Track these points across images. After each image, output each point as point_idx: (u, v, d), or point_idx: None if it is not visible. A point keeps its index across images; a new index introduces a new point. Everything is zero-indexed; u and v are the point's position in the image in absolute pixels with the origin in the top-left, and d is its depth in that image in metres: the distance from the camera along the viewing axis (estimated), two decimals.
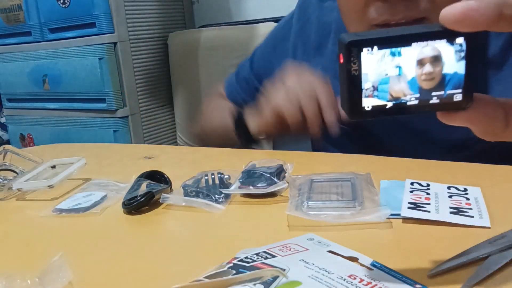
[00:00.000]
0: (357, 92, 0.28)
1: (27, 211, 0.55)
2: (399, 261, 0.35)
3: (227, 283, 0.31)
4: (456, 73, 0.28)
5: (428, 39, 0.27)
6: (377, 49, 0.27)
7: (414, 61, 0.27)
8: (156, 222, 0.49)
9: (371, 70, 0.28)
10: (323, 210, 0.43)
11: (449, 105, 0.28)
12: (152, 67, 2.01)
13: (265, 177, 0.51)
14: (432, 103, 0.28)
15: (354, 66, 0.28)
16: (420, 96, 0.28)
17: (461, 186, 0.47)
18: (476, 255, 0.34)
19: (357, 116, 0.29)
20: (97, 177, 0.62)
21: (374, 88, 0.28)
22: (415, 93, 0.28)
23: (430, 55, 0.27)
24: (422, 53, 0.27)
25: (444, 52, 0.27)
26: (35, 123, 2.19)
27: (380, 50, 0.27)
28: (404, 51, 0.27)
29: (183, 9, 2.14)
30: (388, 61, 0.27)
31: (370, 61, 0.28)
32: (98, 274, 0.39)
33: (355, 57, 0.27)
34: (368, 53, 0.27)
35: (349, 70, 0.28)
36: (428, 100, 0.28)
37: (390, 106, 0.28)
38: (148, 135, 2.03)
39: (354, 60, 0.28)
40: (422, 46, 0.27)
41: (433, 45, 0.27)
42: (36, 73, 2.06)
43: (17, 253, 0.45)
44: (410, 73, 0.27)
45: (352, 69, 0.28)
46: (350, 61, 0.28)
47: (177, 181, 0.54)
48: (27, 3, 1.99)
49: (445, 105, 0.28)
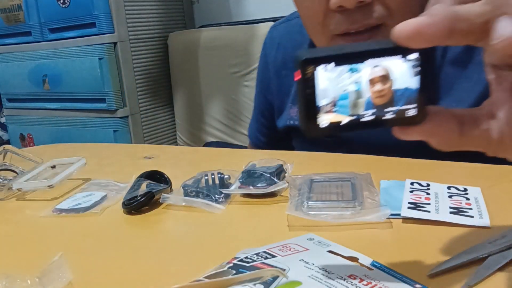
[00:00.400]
0: (313, 109, 0.28)
1: (27, 211, 0.55)
2: (399, 261, 0.35)
3: (227, 283, 0.31)
4: (409, 89, 0.28)
5: (383, 55, 0.27)
6: (333, 65, 0.27)
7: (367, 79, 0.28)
8: (156, 222, 0.49)
9: (328, 86, 0.28)
10: (323, 210, 0.43)
11: (404, 120, 0.28)
12: (152, 67, 2.02)
13: (265, 177, 0.51)
14: (387, 119, 0.28)
15: (309, 83, 0.27)
16: (375, 111, 0.28)
17: (461, 186, 0.47)
18: (476, 255, 0.34)
19: (313, 133, 0.29)
20: (97, 177, 0.62)
21: (333, 104, 0.28)
22: (371, 109, 0.28)
23: (379, 74, 0.27)
24: (372, 72, 0.27)
25: (395, 68, 0.27)
26: (35, 123, 2.19)
27: (336, 67, 0.27)
28: (360, 67, 0.27)
29: (183, 9, 2.14)
30: (346, 77, 0.28)
31: (326, 78, 0.27)
32: (98, 274, 0.39)
33: (310, 74, 0.27)
34: (324, 70, 0.27)
35: (305, 87, 0.28)
36: (383, 115, 0.28)
37: (346, 123, 0.28)
38: (148, 135, 2.03)
39: (310, 77, 0.27)
40: (374, 64, 0.27)
41: (382, 64, 0.27)
42: (36, 73, 2.06)
43: (17, 253, 0.45)
44: (365, 90, 0.28)
45: (307, 87, 0.28)
46: (306, 79, 0.27)
47: (177, 181, 0.55)
48: (27, 3, 1.99)
49: (400, 120, 0.28)
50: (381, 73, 0.27)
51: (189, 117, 2.03)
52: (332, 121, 0.28)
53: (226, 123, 1.90)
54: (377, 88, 0.28)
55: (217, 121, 1.93)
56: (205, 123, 1.97)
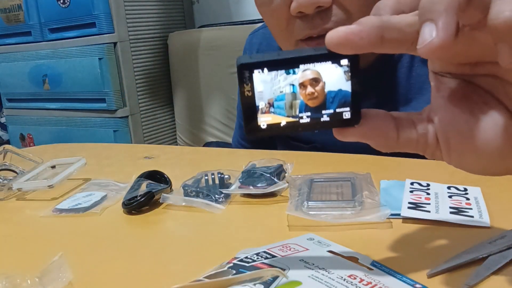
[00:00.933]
0: (252, 110, 0.30)
1: (27, 211, 0.55)
2: (399, 261, 0.35)
3: (227, 283, 0.31)
4: (341, 92, 0.29)
5: (315, 61, 0.28)
6: (267, 71, 0.29)
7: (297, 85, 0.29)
8: (156, 222, 0.49)
9: (264, 89, 0.29)
10: (323, 210, 0.43)
11: (340, 122, 0.30)
12: (152, 67, 2.01)
13: (265, 177, 0.51)
14: (323, 121, 0.30)
15: (247, 86, 0.29)
16: (311, 114, 0.29)
17: (461, 186, 0.47)
18: (476, 255, 0.34)
19: (254, 133, 0.30)
20: (97, 177, 0.62)
21: (270, 105, 0.29)
22: (307, 111, 0.29)
23: (309, 77, 0.29)
24: (302, 76, 0.29)
25: (328, 72, 0.29)
26: (35, 123, 2.19)
27: (271, 72, 0.29)
28: (295, 71, 0.29)
29: (183, 9, 2.14)
30: (282, 79, 0.29)
31: (261, 81, 0.29)
32: (98, 274, 0.39)
33: (247, 78, 0.29)
34: (260, 74, 0.29)
35: (243, 91, 0.29)
36: (321, 117, 0.29)
37: (284, 124, 0.30)
38: (148, 135, 2.03)
39: (247, 81, 0.29)
40: (305, 68, 0.29)
41: (313, 68, 0.29)
42: (36, 73, 2.06)
43: (17, 253, 0.45)
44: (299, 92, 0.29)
45: (246, 90, 0.29)
46: (243, 82, 0.29)
47: (177, 181, 0.55)
48: (27, 3, 1.99)
49: (336, 122, 0.30)
50: (311, 76, 0.29)
51: (189, 117, 2.03)
52: (272, 123, 0.30)
53: (226, 123, 1.90)
54: (309, 90, 0.29)
55: (217, 121, 1.93)
56: (205, 123, 1.97)
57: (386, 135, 0.30)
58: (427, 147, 0.31)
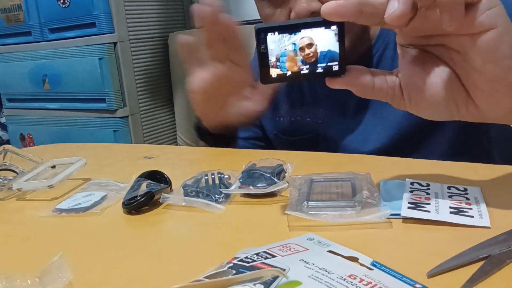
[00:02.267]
0: (266, 64, 0.40)
1: (27, 211, 0.55)
2: (399, 261, 0.35)
3: (227, 283, 0.31)
4: (331, 51, 0.39)
5: (312, 26, 0.38)
6: (277, 33, 0.39)
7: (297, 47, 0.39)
8: (156, 222, 0.49)
9: (274, 47, 0.39)
10: (323, 210, 0.43)
11: (331, 73, 0.40)
12: (152, 67, 2.02)
13: (265, 177, 0.51)
14: (318, 72, 0.40)
15: (263, 45, 0.39)
16: (309, 67, 0.39)
17: (461, 186, 0.47)
18: (476, 255, 0.34)
19: (267, 81, 0.40)
20: (97, 177, 0.62)
21: (277, 59, 0.40)
22: (306, 65, 0.39)
23: (306, 42, 0.39)
24: (300, 42, 0.39)
25: (320, 37, 0.39)
26: (35, 123, 2.19)
27: (280, 34, 0.39)
28: (297, 34, 0.39)
29: (183, 9, 2.14)
30: (287, 39, 0.39)
31: (272, 41, 0.39)
32: (98, 274, 0.39)
33: (262, 39, 0.39)
34: (271, 36, 0.39)
35: (260, 49, 0.39)
36: (316, 69, 0.39)
37: (290, 74, 0.40)
38: (148, 135, 2.03)
39: (262, 41, 0.39)
40: (304, 34, 0.39)
41: (308, 35, 0.39)
42: (36, 73, 2.06)
43: (17, 253, 0.45)
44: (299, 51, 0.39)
45: (261, 48, 0.39)
46: (260, 42, 0.39)
47: (177, 181, 0.54)
48: (27, 3, 1.99)
49: (328, 73, 0.40)
50: (307, 41, 0.39)
51: (189, 117, 2.03)
52: (281, 72, 0.40)
53: None
54: (306, 52, 0.39)
55: None
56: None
57: (364, 84, 0.40)
58: (394, 96, 0.41)
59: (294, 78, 0.40)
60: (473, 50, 0.37)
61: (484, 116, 0.40)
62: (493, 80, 0.37)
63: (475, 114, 0.40)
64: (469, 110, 0.40)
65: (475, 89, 0.39)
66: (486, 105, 0.39)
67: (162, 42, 2.03)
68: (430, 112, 0.41)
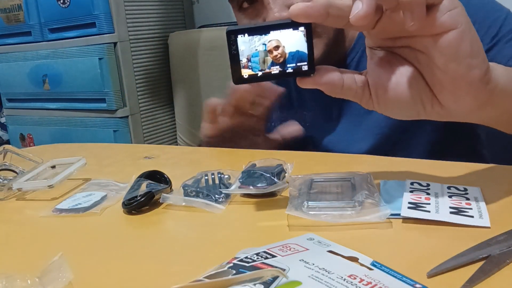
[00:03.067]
0: (238, 65, 0.41)
1: (27, 211, 0.55)
2: (399, 261, 0.35)
3: (227, 283, 0.31)
4: (299, 52, 0.40)
5: (281, 28, 0.40)
6: (247, 35, 0.40)
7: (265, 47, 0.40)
8: (156, 222, 0.49)
9: (244, 48, 0.40)
10: (323, 210, 0.43)
11: (301, 73, 0.41)
12: (152, 67, 2.01)
13: (265, 177, 0.51)
14: (288, 72, 0.41)
15: (233, 47, 0.40)
16: (279, 67, 0.41)
17: (461, 186, 0.47)
18: (476, 255, 0.34)
19: (239, 81, 0.41)
20: (97, 177, 0.62)
21: (248, 60, 0.41)
22: (276, 65, 0.41)
23: (273, 45, 0.40)
24: (269, 45, 0.40)
25: (288, 38, 0.40)
26: (35, 123, 2.19)
27: (250, 36, 0.40)
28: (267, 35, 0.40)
29: (183, 9, 2.14)
30: (257, 40, 0.40)
31: (243, 42, 0.40)
32: (98, 274, 0.39)
33: (233, 41, 0.40)
34: (242, 38, 0.40)
35: (231, 50, 0.40)
36: (285, 69, 0.41)
37: (261, 74, 0.41)
38: (148, 135, 2.03)
39: (233, 43, 0.40)
40: (273, 36, 0.40)
41: (275, 37, 0.40)
42: (36, 73, 2.06)
43: (17, 253, 0.45)
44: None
45: (233, 49, 0.40)
46: (231, 43, 0.40)
47: (177, 181, 0.54)
48: (27, 3, 1.99)
49: (298, 73, 0.41)
50: (274, 44, 0.40)
51: (189, 117, 2.03)
52: (252, 73, 0.41)
53: None
54: (274, 54, 0.40)
55: None
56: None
57: (334, 83, 0.41)
58: (363, 96, 0.43)
59: (265, 78, 0.41)
60: (436, 49, 0.38)
61: (449, 114, 0.42)
62: (456, 78, 0.39)
63: (440, 112, 0.42)
64: (434, 109, 0.42)
65: (439, 87, 0.40)
66: (450, 103, 0.41)
67: (162, 42, 2.03)
68: (397, 111, 0.43)
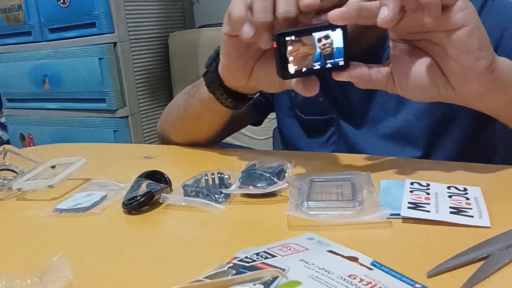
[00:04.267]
0: (285, 62, 0.48)
1: (27, 211, 0.55)
2: (399, 261, 0.35)
3: (227, 283, 0.31)
4: (338, 48, 0.47)
5: (321, 30, 0.47)
6: (294, 36, 0.47)
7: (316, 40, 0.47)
8: (156, 222, 0.49)
9: (291, 48, 0.47)
10: (323, 210, 0.43)
11: (337, 67, 0.48)
12: (152, 67, 2.01)
13: (265, 177, 0.51)
14: (328, 67, 0.48)
15: (282, 47, 0.47)
16: (320, 63, 0.48)
17: (461, 186, 0.47)
18: (476, 255, 0.34)
19: (287, 76, 0.48)
20: (97, 177, 0.62)
21: (296, 58, 0.48)
22: (318, 61, 0.48)
23: (323, 35, 0.47)
24: (319, 34, 0.47)
25: (332, 35, 0.47)
26: (35, 123, 2.19)
27: (296, 37, 0.47)
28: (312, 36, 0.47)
29: (183, 9, 2.14)
30: (304, 41, 0.47)
31: (291, 43, 0.47)
32: (98, 274, 0.39)
33: (282, 42, 0.47)
34: (289, 39, 0.47)
35: (280, 49, 0.47)
36: (326, 65, 0.48)
37: (305, 70, 0.48)
38: (148, 135, 2.03)
39: (282, 43, 0.47)
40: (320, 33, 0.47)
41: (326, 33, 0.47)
42: (36, 73, 2.06)
43: (17, 253, 0.45)
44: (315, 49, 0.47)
45: (281, 49, 0.47)
46: (280, 44, 0.47)
47: (177, 181, 0.54)
48: (27, 3, 1.99)
49: (335, 68, 0.48)
50: (324, 34, 0.47)
51: None
52: (298, 69, 0.48)
53: None
54: (322, 42, 0.47)
55: None
56: None
57: (364, 76, 0.50)
58: (388, 84, 0.51)
59: (308, 73, 0.48)
60: (449, 43, 0.46)
61: (460, 97, 0.50)
62: (466, 67, 0.46)
63: (452, 95, 0.49)
64: (448, 92, 0.49)
65: (452, 74, 0.48)
66: (460, 88, 0.48)
67: (162, 42, 2.03)
68: (417, 93, 0.50)
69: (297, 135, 0.78)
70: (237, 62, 0.58)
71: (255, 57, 0.58)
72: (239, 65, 0.58)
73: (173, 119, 0.80)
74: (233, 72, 0.60)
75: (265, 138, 1.74)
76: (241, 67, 0.59)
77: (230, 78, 0.62)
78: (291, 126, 0.79)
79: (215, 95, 0.65)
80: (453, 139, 0.68)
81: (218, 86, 0.64)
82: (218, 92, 0.65)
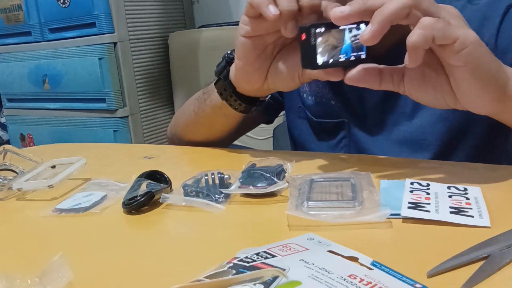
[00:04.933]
0: (314, 54, 0.50)
1: (27, 211, 0.55)
2: (399, 261, 0.35)
3: (227, 283, 0.31)
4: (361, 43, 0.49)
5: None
6: (324, 28, 0.49)
7: (347, 32, 0.49)
8: (156, 222, 0.49)
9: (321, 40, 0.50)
10: (323, 210, 0.43)
11: (360, 60, 0.51)
12: (152, 67, 2.01)
13: (265, 177, 0.51)
14: (352, 60, 0.51)
15: (313, 38, 0.49)
16: (346, 55, 0.50)
17: (461, 186, 0.47)
18: (476, 255, 0.34)
19: (314, 67, 0.51)
20: (97, 177, 0.62)
21: (324, 49, 0.50)
22: (343, 54, 0.50)
23: (353, 26, 0.49)
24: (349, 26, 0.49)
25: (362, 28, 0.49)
26: (35, 123, 2.19)
27: (326, 29, 0.49)
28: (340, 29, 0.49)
29: (183, 9, 2.14)
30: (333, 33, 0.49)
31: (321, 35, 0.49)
32: (98, 274, 0.39)
33: (312, 33, 0.49)
34: (319, 30, 0.49)
35: (310, 41, 0.49)
36: (350, 58, 0.50)
37: (331, 61, 0.50)
38: (148, 135, 2.03)
39: (312, 34, 0.49)
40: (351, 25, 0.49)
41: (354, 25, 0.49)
42: (36, 73, 2.05)
43: (17, 253, 0.45)
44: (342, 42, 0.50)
45: (311, 40, 0.49)
46: (310, 36, 0.49)
47: (177, 181, 0.54)
48: (27, 3, 1.99)
49: (358, 61, 0.51)
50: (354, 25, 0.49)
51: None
52: (324, 60, 0.50)
53: None
54: (353, 33, 0.50)
55: None
56: None
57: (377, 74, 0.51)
58: (399, 85, 0.52)
59: (334, 64, 0.51)
60: (452, 76, 0.48)
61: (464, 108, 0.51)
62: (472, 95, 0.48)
63: (458, 107, 0.51)
64: (458, 106, 0.51)
65: (457, 92, 0.49)
66: (468, 107, 0.50)
67: (162, 42, 2.03)
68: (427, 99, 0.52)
69: (307, 137, 0.78)
70: (253, 65, 0.58)
71: (271, 58, 0.59)
72: (255, 67, 0.59)
73: (184, 123, 0.81)
74: (249, 75, 0.60)
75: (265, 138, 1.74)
76: (257, 69, 0.59)
77: (245, 82, 0.62)
78: (301, 127, 0.79)
79: (227, 102, 0.66)
80: (466, 147, 0.67)
81: (231, 93, 0.65)
82: (231, 99, 0.65)
